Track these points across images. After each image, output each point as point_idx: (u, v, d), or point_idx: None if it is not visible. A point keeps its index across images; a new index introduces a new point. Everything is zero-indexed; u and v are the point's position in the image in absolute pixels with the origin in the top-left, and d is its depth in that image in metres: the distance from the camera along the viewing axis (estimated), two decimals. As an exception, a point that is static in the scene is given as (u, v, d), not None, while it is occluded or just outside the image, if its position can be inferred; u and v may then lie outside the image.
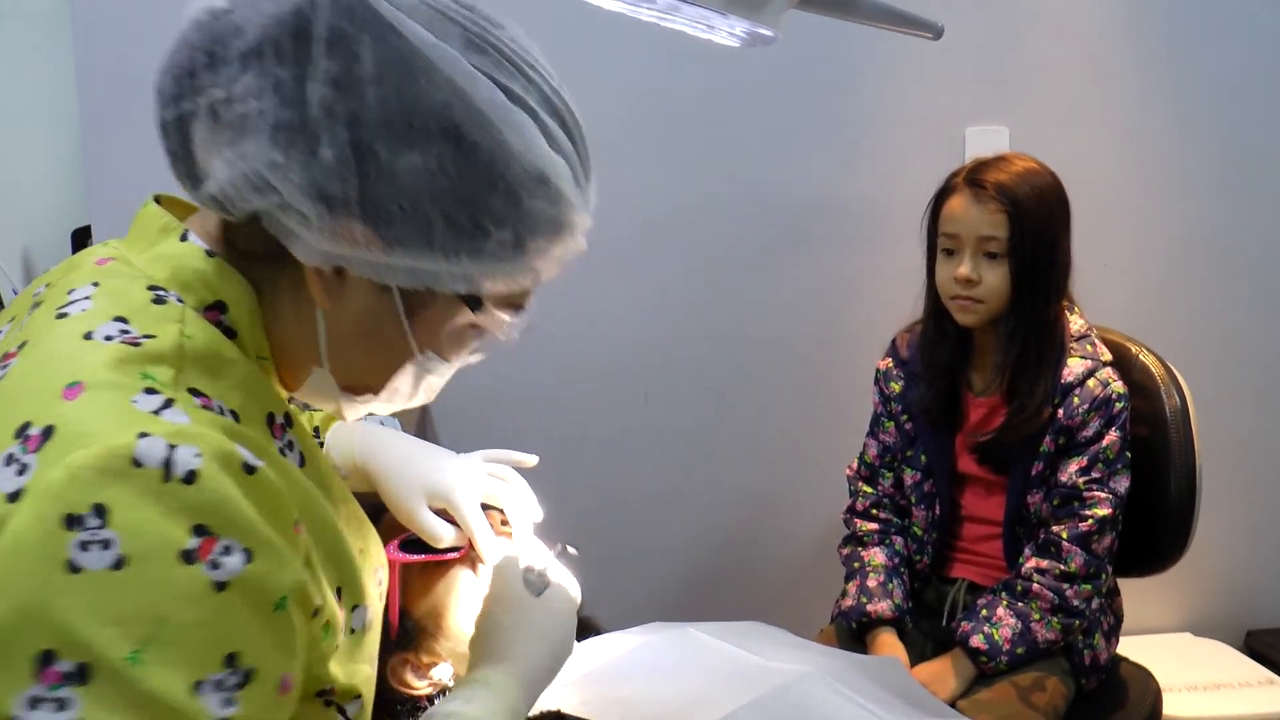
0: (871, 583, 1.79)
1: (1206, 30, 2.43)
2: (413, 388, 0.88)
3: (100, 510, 0.63)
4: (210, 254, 0.80)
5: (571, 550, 1.11)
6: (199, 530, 0.65)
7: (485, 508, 1.16)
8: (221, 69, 0.74)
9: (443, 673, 1.14)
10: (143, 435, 0.65)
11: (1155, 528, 1.76)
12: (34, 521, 0.62)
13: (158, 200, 0.85)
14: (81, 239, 2.95)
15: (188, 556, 0.64)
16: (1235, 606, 2.65)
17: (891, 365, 1.88)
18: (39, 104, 3.00)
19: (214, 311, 0.79)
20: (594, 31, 2.10)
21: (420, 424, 2.18)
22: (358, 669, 0.84)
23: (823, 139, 2.37)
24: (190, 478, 0.65)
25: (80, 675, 0.61)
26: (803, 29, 1.00)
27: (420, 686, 1.14)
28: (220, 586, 0.65)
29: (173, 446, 0.66)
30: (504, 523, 1.18)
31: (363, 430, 1.20)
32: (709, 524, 2.49)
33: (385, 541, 1.16)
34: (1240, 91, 2.47)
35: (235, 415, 0.75)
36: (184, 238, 0.81)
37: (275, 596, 0.68)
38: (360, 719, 0.86)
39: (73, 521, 0.62)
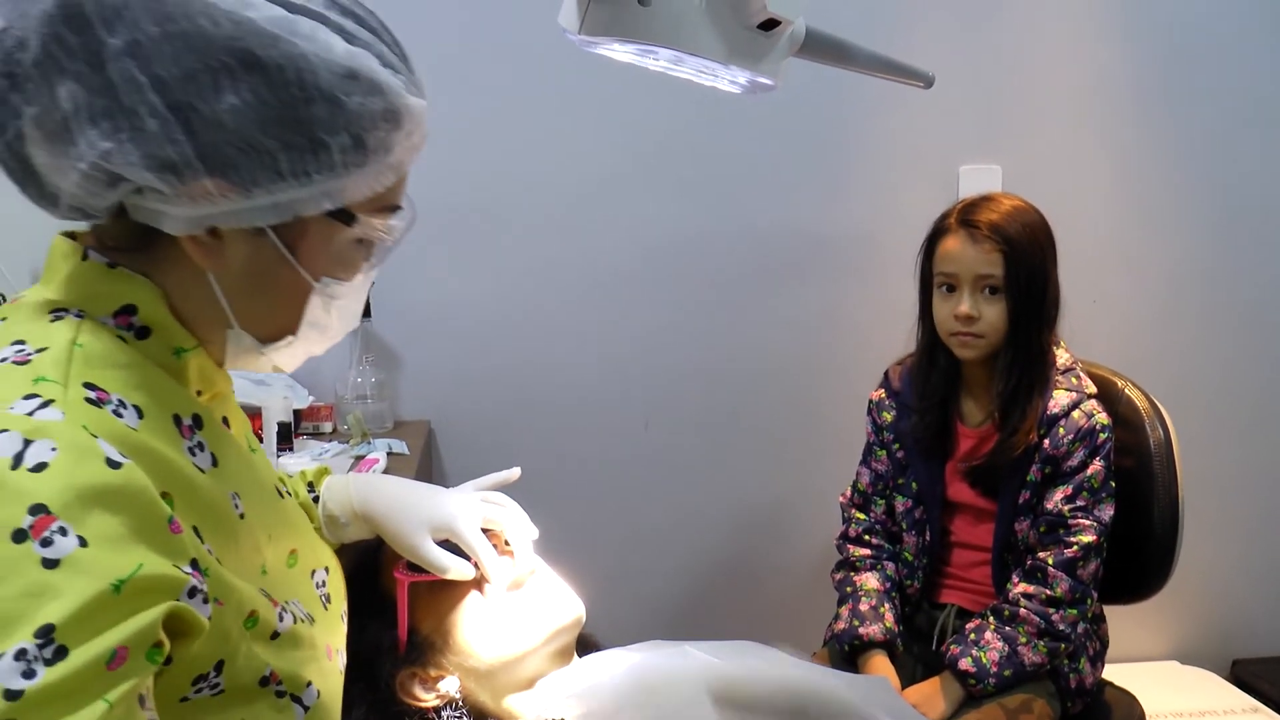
0: (863, 606, 1.83)
1: (1199, 71, 2.48)
2: (328, 317, 0.89)
3: None
4: (112, 265, 0.83)
5: None
6: (36, 510, 0.67)
7: (485, 531, 1.21)
8: (25, 86, 0.75)
9: (449, 685, 1.18)
10: (2, 432, 0.70)
11: (1140, 557, 1.80)
12: None
13: (68, 235, 0.88)
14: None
15: (19, 535, 0.67)
16: (1222, 636, 2.68)
17: (884, 396, 1.93)
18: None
19: (124, 316, 0.82)
20: (596, 72, 2.17)
21: (426, 453, 2.22)
22: (302, 659, 0.86)
23: (820, 177, 2.42)
24: (39, 467, 0.69)
25: None
26: (801, 68, 1.05)
27: (428, 699, 1.18)
28: (49, 564, 0.67)
29: (29, 441, 0.70)
30: (505, 543, 1.24)
31: (355, 480, 1.24)
32: (707, 547, 2.52)
33: (390, 566, 1.21)
34: (1233, 132, 2.51)
35: (139, 411, 0.78)
36: (85, 256, 0.84)
37: (110, 579, 0.68)
38: (321, 711, 0.88)
39: None
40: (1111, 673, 1.89)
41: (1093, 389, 1.78)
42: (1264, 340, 2.60)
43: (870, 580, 1.87)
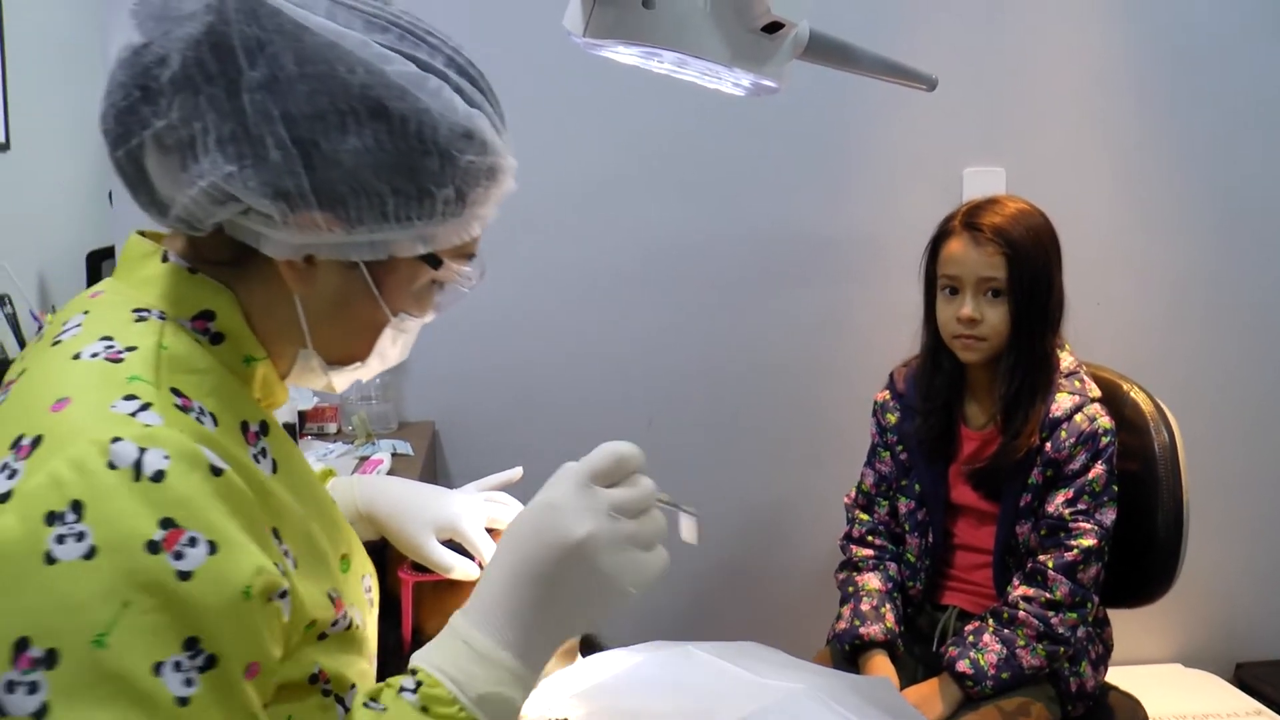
0: (865, 606, 1.84)
1: (1202, 73, 2.48)
2: (393, 349, 0.95)
3: (77, 506, 0.69)
4: (193, 270, 0.86)
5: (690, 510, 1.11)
6: (165, 523, 0.70)
7: (489, 531, 1.21)
8: (158, 100, 0.78)
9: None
10: (116, 440, 0.71)
11: (1144, 560, 1.80)
12: (18, 519, 0.69)
13: (141, 234, 0.91)
14: (97, 261, 3.01)
15: (153, 547, 0.69)
16: (1226, 639, 2.68)
17: (888, 398, 1.93)
18: (58, 130, 3.06)
19: (201, 320, 0.85)
20: (600, 76, 2.17)
21: (430, 454, 2.23)
22: (349, 661, 0.89)
23: (823, 180, 2.43)
24: (159, 476, 0.71)
25: (49, 660, 0.66)
26: (804, 70, 1.06)
27: (432, 699, 1.18)
28: (184, 576, 0.69)
29: (143, 449, 0.71)
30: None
31: (359, 481, 1.26)
32: (709, 548, 2.51)
33: (394, 566, 1.22)
34: (1236, 134, 2.52)
35: (214, 418, 0.80)
36: (165, 259, 0.87)
37: (239, 587, 0.72)
38: None
39: (53, 518, 0.68)
40: (1115, 675, 1.89)
41: (1096, 392, 1.78)
42: (1269, 343, 2.60)
43: (872, 580, 1.88)
